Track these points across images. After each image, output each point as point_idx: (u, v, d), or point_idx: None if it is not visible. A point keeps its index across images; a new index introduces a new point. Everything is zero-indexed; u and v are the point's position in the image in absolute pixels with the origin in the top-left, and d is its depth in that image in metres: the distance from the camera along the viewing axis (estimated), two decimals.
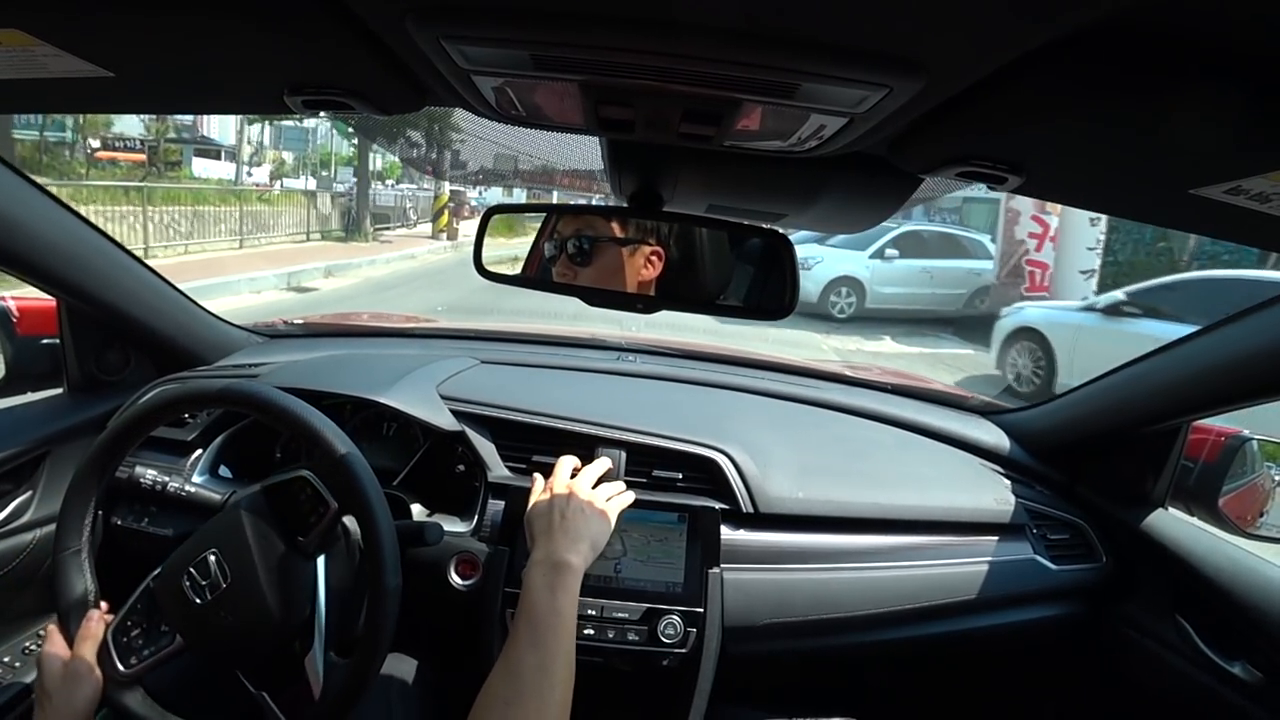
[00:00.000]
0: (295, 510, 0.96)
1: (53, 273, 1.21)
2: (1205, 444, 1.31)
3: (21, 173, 1.10)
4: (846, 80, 0.55)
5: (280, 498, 0.96)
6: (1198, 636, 1.22)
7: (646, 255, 1.04)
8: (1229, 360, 1.11)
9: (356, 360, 1.58)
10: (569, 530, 1.03)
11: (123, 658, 0.93)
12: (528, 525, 1.08)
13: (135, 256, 1.38)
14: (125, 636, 0.95)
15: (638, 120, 0.73)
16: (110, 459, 1.00)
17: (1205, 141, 0.54)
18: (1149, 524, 1.32)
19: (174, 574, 0.94)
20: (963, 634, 1.30)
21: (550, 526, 1.03)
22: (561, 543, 1.00)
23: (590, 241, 1.05)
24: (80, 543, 0.97)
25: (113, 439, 0.99)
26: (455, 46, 0.56)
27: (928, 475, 1.41)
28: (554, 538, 1.01)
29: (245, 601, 0.92)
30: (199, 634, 0.93)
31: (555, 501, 1.07)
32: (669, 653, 1.16)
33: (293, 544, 0.95)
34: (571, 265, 1.05)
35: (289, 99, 0.72)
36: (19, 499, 1.30)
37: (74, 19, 0.56)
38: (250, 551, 0.93)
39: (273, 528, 0.95)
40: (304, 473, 0.96)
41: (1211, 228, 0.82)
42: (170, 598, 0.94)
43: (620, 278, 1.04)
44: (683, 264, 1.05)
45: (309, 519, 0.95)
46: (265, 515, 0.95)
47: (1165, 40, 0.45)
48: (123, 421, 1.00)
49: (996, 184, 0.73)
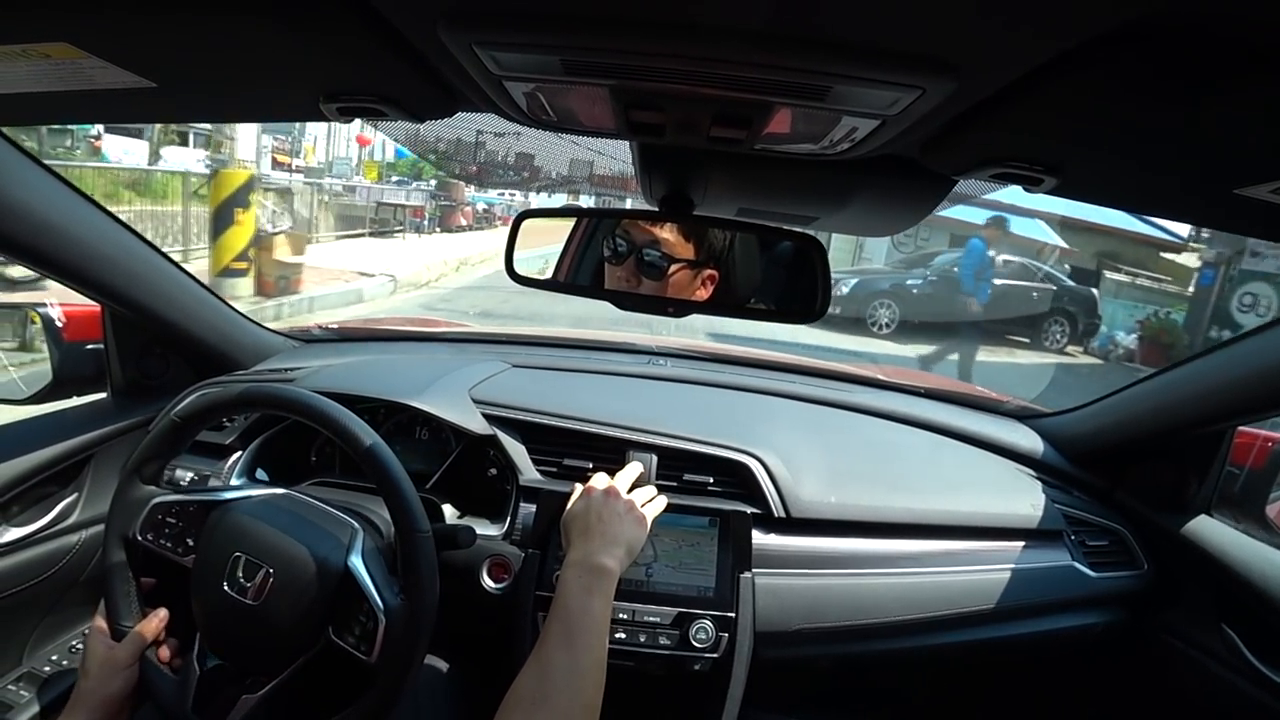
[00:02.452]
0: (351, 613, 0.95)
1: (99, 280, 1.24)
2: (1252, 449, 1.28)
3: (69, 182, 1.13)
4: (878, 82, 0.54)
5: (351, 590, 0.96)
6: (1245, 647, 1.18)
7: (704, 277, 1.08)
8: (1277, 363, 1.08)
9: (389, 364, 1.60)
10: (606, 534, 1.03)
11: (144, 528, 0.99)
12: (564, 528, 1.08)
13: (175, 263, 1.41)
14: (161, 515, 1.00)
15: (668, 124, 0.73)
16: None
17: (1250, 139, 0.53)
18: (1192, 531, 1.29)
19: (228, 541, 0.97)
20: (998, 641, 1.28)
21: (587, 529, 1.04)
22: (599, 546, 1.01)
23: (669, 260, 1.08)
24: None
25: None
26: (487, 52, 0.56)
27: (962, 480, 1.39)
28: (591, 540, 1.02)
29: (254, 627, 0.94)
30: (204, 593, 0.96)
31: (592, 505, 1.08)
32: (700, 657, 1.16)
33: (322, 626, 0.97)
34: (637, 274, 1.08)
35: (324, 106, 0.73)
36: (65, 501, 1.33)
37: (119, 32, 0.58)
38: (293, 604, 0.94)
39: (323, 607, 0.95)
40: (380, 611, 0.94)
41: (1257, 228, 0.80)
42: (210, 550, 0.97)
43: (685, 294, 1.08)
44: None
45: (351, 632, 0.95)
46: (330, 593, 0.95)
47: (1204, 37, 0.44)
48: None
49: (1032, 185, 0.72)
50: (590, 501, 1.08)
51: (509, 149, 1.22)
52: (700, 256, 1.08)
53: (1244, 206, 0.64)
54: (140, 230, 1.30)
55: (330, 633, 0.96)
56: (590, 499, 1.09)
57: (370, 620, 0.93)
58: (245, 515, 0.99)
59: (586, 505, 1.08)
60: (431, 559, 0.96)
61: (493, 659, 1.22)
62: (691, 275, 1.08)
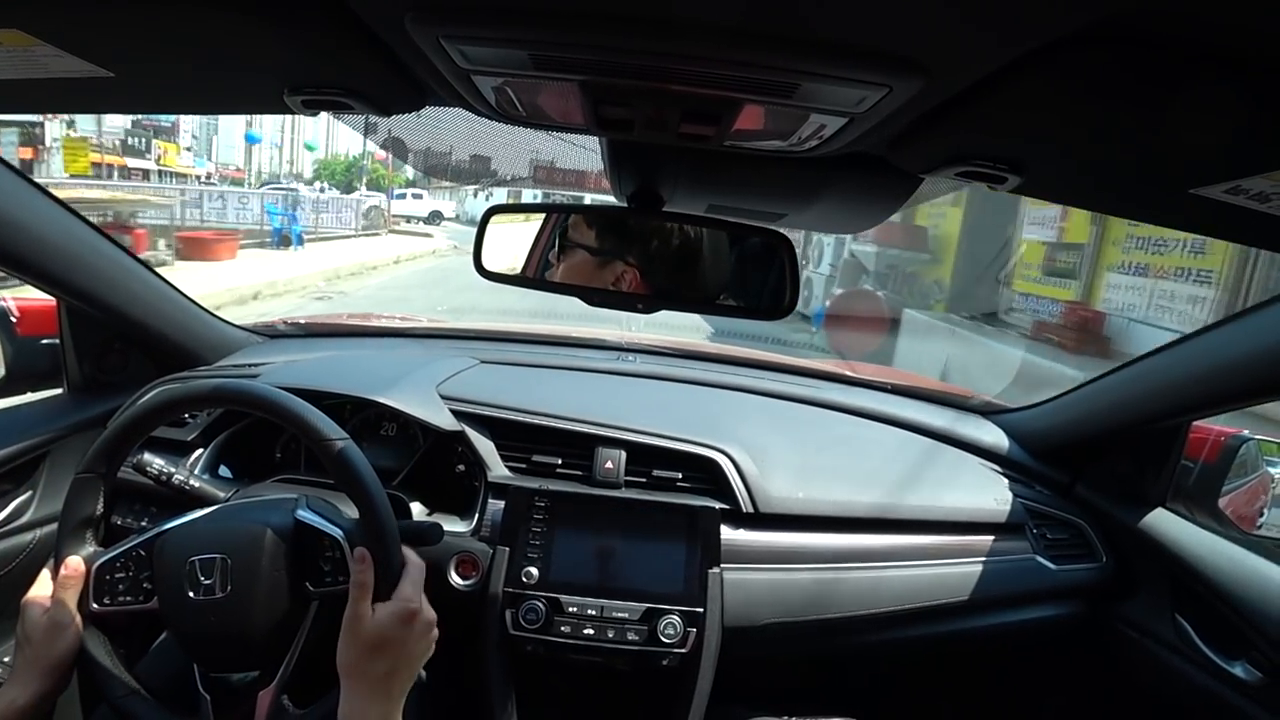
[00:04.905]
0: (315, 557, 0.95)
1: (53, 273, 1.21)
2: (1205, 444, 1.31)
3: (21, 173, 1.10)
4: (846, 80, 0.55)
5: (307, 538, 0.95)
6: (1197, 636, 1.22)
7: (619, 273, 1.06)
8: (1229, 360, 1.11)
9: (356, 360, 1.58)
10: (407, 678, 0.89)
11: (97, 594, 0.93)
12: (353, 662, 0.87)
13: (136, 257, 1.38)
14: (109, 575, 0.94)
15: (637, 120, 0.73)
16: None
17: (1205, 141, 0.54)
18: (1148, 524, 1.32)
19: (178, 555, 0.92)
20: (963, 634, 1.30)
21: (392, 674, 0.87)
22: (399, 700, 0.87)
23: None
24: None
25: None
26: (455, 46, 0.56)
27: (928, 475, 1.41)
28: (391, 698, 0.87)
29: (234, 617, 0.91)
30: (178, 617, 0.92)
31: (409, 641, 0.88)
32: (669, 652, 1.16)
33: (299, 586, 0.95)
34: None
35: (289, 99, 0.72)
36: (19, 499, 1.30)
37: (73, 19, 0.56)
38: (259, 575, 0.92)
39: (288, 563, 0.94)
40: (339, 534, 0.94)
41: (1212, 227, 0.82)
42: (166, 572, 0.93)
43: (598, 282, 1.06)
44: (682, 264, 1.06)
45: (324, 572, 0.95)
46: (287, 547, 0.94)
47: (1165, 41, 0.45)
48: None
49: (996, 184, 0.74)
50: (407, 636, 0.88)
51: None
52: (606, 247, 1.06)
53: (1200, 206, 0.65)
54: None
55: (309, 588, 0.94)
56: (407, 631, 0.88)
57: (335, 549, 0.93)
58: (187, 529, 0.96)
59: (401, 641, 0.88)
60: (392, 528, 0.94)
61: (459, 657, 1.22)
62: (598, 263, 1.06)
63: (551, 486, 1.24)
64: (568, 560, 1.20)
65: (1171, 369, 1.22)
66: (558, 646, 1.16)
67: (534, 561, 1.19)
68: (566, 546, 1.20)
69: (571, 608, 1.16)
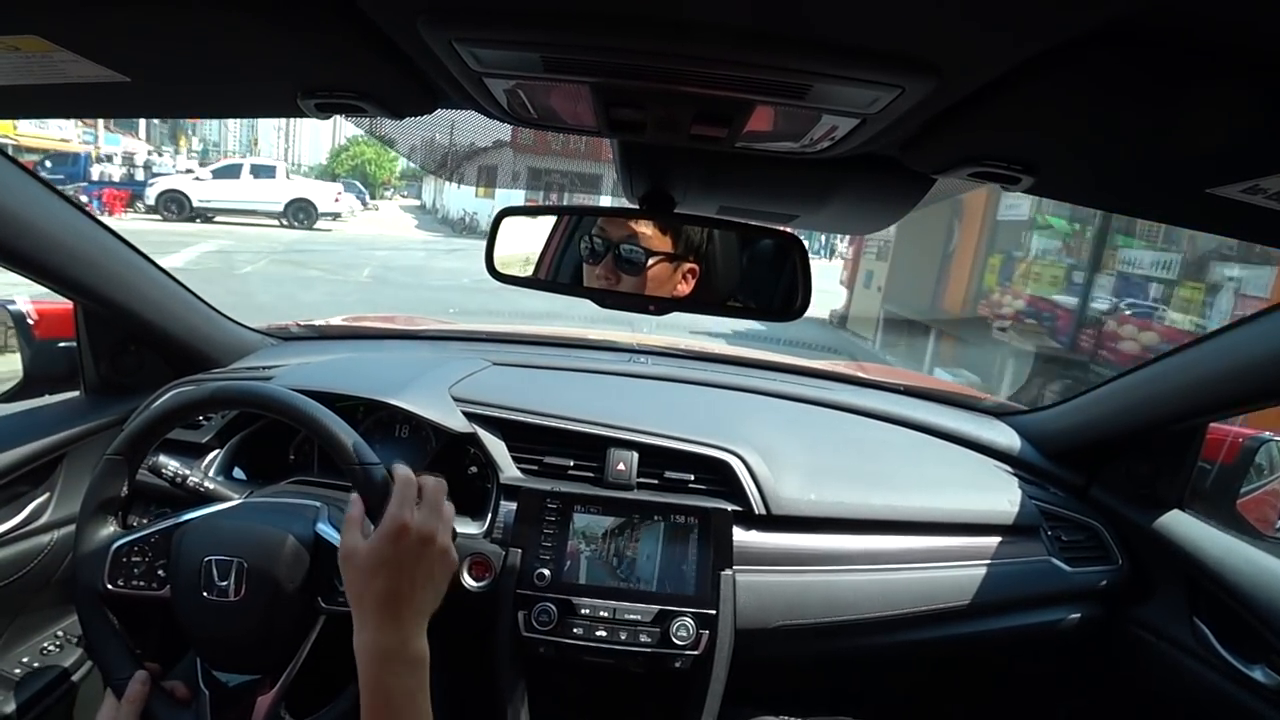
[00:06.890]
0: (330, 573, 0.95)
1: (70, 276, 1.22)
2: (1223, 445, 1.30)
3: (38, 176, 1.11)
4: (858, 81, 0.55)
5: (325, 553, 0.96)
6: (1216, 640, 1.20)
7: (684, 271, 1.07)
8: (1247, 361, 1.09)
9: (369, 362, 1.59)
10: (415, 602, 0.82)
11: (112, 575, 0.94)
12: (356, 585, 0.82)
13: (150, 260, 1.39)
14: (126, 558, 0.95)
15: (649, 122, 0.73)
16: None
17: (1222, 140, 0.54)
18: (1165, 526, 1.31)
19: (195, 551, 0.94)
20: (976, 636, 1.29)
21: (395, 598, 0.81)
22: (413, 628, 0.82)
23: (646, 254, 1.06)
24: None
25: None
26: (467, 49, 0.56)
27: (940, 477, 1.40)
28: (402, 618, 0.81)
29: (242, 621, 0.92)
30: (187, 611, 0.93)
31: (403, 559, 0.82)
32: (681, 654, 1.16)
33: (310, 600, 0.95)
34: (616, 271, 1.07)
35: (302, 102, 0.73)
36: (37, 500, 1.31)
37: (91, 24, 0.57)
38: (272, 584, 0.92)
39: (303, 576, 0.94)
40: None
41: (1229, 227, 0.81)
42: (181, 566, 0.94)
43: (666, 289, 1.07)
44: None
45: (337, 590, 0.94)
46: (304, 560, 0.95)
47: (1180, 40, 0.45)
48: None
49: (1010, 184, 0.73)
50: (401, 553, 0.82)
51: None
52: (679, 250, 1.07)
53: (1216, 206, 0.65)
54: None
55: (321, 604, 0.95)
56: (401, 548, 0.82)
57: None
58: (207, 524, 0.98)
59: (396, 560, 0.81)
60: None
61: (472, 658, 1.22)
62: (671, 269, 1.07)
63: (564, 488, 1.25)
64: (580, 562, 1.20)
65: (1189, 370, 1.21)
66: (570, 648, 1.16)
67: (546, 563, 1.19)
68: (578, 548, 1.20)
69: (584, 609, 1.16)
